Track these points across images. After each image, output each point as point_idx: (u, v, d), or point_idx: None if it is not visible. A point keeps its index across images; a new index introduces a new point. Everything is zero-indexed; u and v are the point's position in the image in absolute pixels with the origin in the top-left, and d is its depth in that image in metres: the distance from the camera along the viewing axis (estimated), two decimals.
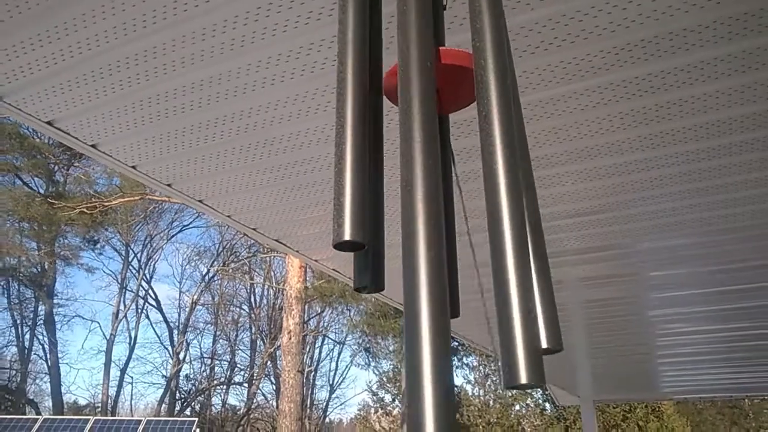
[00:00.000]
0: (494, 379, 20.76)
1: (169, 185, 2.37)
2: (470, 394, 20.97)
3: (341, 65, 0.72)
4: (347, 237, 0.63)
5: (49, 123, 1.96)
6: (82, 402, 23.24)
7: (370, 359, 21.08)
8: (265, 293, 24.28)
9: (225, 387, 24.20)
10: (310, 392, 23.58)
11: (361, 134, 0.68)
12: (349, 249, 0.65)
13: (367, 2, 0.78)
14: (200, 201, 2.52)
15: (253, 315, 24.60)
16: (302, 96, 1.80)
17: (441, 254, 0.57)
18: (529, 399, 20.59)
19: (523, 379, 0.53)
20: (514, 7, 1.44)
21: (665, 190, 2.34)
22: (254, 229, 2.83)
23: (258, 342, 24.21)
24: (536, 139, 2.03)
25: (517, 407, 20.69)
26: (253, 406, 23.38)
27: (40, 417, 12.78)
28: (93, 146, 2.08)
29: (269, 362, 22.71)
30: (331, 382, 25.12)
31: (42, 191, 16.51)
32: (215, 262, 23.40)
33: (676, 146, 2.03)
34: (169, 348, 23.38)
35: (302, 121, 1.93)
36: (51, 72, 1.70)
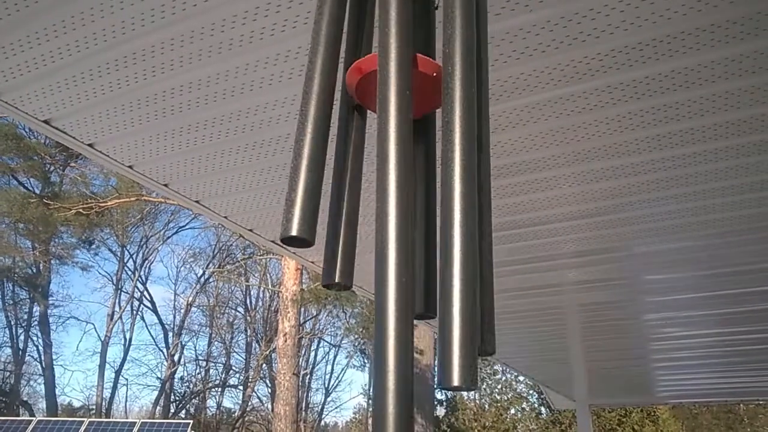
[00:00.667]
0: (489, 382, 20.75)
1: (165, 185, 2.36)
2: (465, 398, 20.96)
3: (311, 63, 0.73)
4: (294, 233, 0.64)
5: (46, 122, 1.95)
6: (77, 404, 23.14)
7: (366, 360, 21.05)
8: (261, 295, 24.24)
9: (220, 389, 24.13)
10: (305, 395, 23.52)
11: (322, 133, 0.69)
12: (297, 245, 0.65)
13: (345, 4, 0.78)
14: (197, 201, 2.52)
15: (248, 317, 24.55)
16: (300, 96, 1.80)
17: (409, 253, 0.59)
18: (525, 403, 20.59)
19: (456, 381, 0.54)
20: (513, 8, 1.44)
21: (661, 193, 2.34)
22: (251, 230, 2.83)
23: (253, 344, 24.16)
24: (533, 142, 2.03)
25: (513, 411, 20.68)
26: (248, 409, 23.31)
27: (34, 419, 12.72)
28: (90, 145, 2.08)
29: (264, 365, 22.66)
30: (326, 385, 25.08)
31: (38, 192, 16.47)
32: (211, 264, 23.36)
33: (673, 149, 2.04)
34: (164, 350, 23.32)
35: (293, 123, 1.92)
36: (48, 70, 1.70)
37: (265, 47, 1.59)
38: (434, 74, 0.74)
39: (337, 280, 0.69)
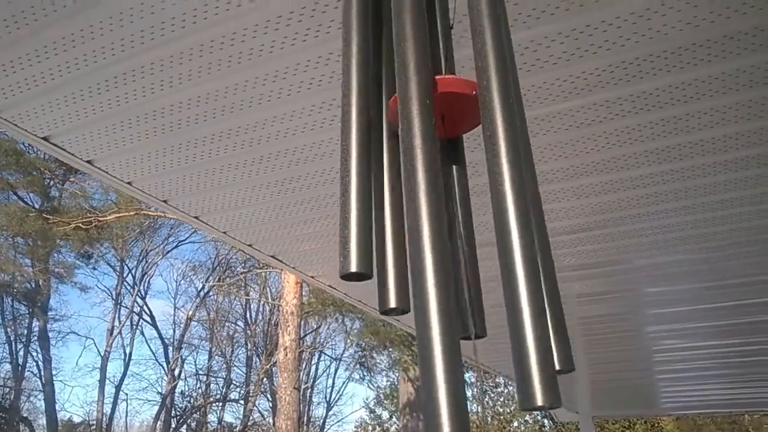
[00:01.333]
0: (491, 395, 20.63)
1: (164, 201, 2.36)
2: (468, 410, 20.82)
3: (345, 98, 0.73)
4: (353, 269, 0.64)
5: (45, 138, 1.95)
6: (77, 419, 22.98)
7: (366, 373, 20.95)
8: (261, 309, 24.16)
9: (221, 404, 23.98)
10: (306, 409, 23.38)
11: (366, 165, 0.69)
12: (355, 279, 0.65)
13: (370, 30, 0.78)
14: (196, 217, 2.51)
15: (248, 331, 24.46)
16: (299, 111, 1.80)
17: (448, 274, 0.58)
18: (528, 416, 20.45)
19: (539, 401, 0.54)
20: (524, 21, 1.44)
21: (661, 206, 2.34)
22: (250, 245, 2.82)
23: (254, 358, 24.05)
24: (537, 155, 2.03)
25: (516, 424, 20.54)
26: (249, 424, 23.16)
27: None
28: (89, 162, 2.08)
29: (265, 379, 22.54)
30: (327, 399, 24.93)
31: (37, 206, 16.46)
32: (210, 278, 23.31)
33: (674, 163, 2.04)
34: (164, 364, 23.20)
35: (299, 136, 1.93)
36: (47, 88, 1.70)
37: (265, 63, 1.59)
38: (472, 92, 0.74)
39: (393, 306, 0.68)
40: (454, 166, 0.83)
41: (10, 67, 1.62)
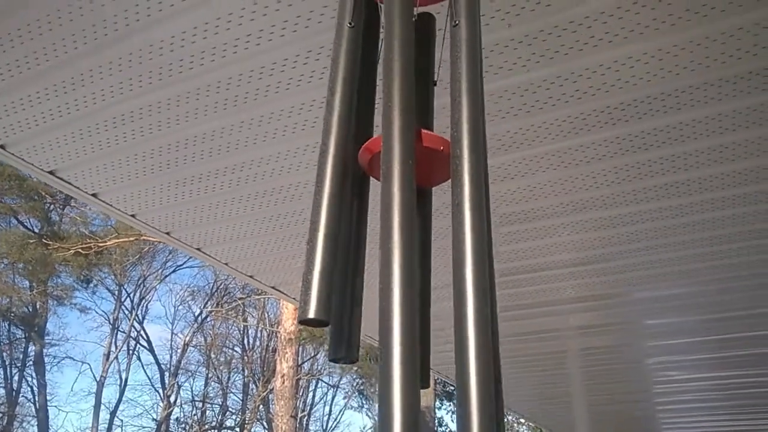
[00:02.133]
0: None
1: (167, 233, 2.38)
2: None
3: (324, 145, 0.75)
4: (311, 315, 0.64)
5: (50, 172, 1.98)
6: None
7: (364, 401, 20.72)
8: (259, 335, 24.00)
9: (216, 431, 23.66)
10: None
11: (337, 211, 0.70)
12: (315, 325, 0.66)
13: (357, 75, 0.81)
14: (198, 249, 2.53)
15: (246, 357, 24.26)
16: (303, 149, 1.83)
17: (414, 323, 0.59)
18: None
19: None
20: (510, 68, 1.49)
21: (660, 241, 2.36)
22: (251, 276, 2.83)
23: (250, 385, 23.81)
24: (533, 192, 2.06)
25: None
26: None
27: None
28: (93, 195, 2.10)
29: (261, 406, 22.28)
30: (324, 427, 24.60)
31: (37, 231, 16.47)
32: (208, 303, 23.20)
33: (670, 200, 2.07)
34: (160, 390, 22.95)
35: (301, 173, 1.96)
36: (54, 125, 1.73)
37: (269, 103, 1.63)
38: (441, 148, 0.76)
39: (343, 355, 0.70)
40: (421, 218, 0.84)
41: (20, 105, 1.65)
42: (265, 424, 22.55)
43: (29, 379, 21.04)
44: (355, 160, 0.79)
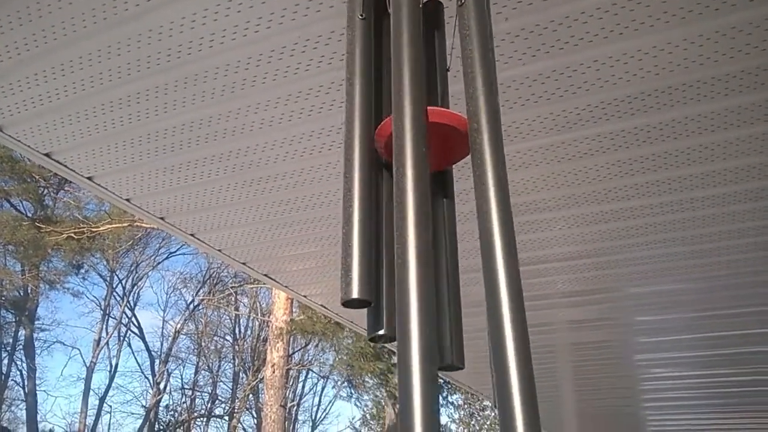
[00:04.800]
0: (478, 418, 20.50)
1: (162, 218, 2.38)
2: None
3: (348, 131, 0.76)
4: (355, 295, 0.66)
5: (46, 155, 1.98)
6: (59, 430, 22.65)
7: (353, 391, 20.79)
8: (250, 324, 24.01)
9: (205, 419, 23.70)
10: (291, 427, 23.13)
11: (368, 195, 0.72)
12: (356, 306, 0.68)
13: (373, 65, 0.82)
14: (192, 235, 2.53)
15: (236, 346, 24.27)
16: (298, 137, 1.84)
17: (431, 306, 0.60)
18: None
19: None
20: (506, 62, 1.50)
21: (653, 237, 2.38)
22: (244, 263, 2.84)
23: (240, 374, 23.83)
24: (527, 185, 2.07)
25: None
26: None
27: None
28: (89, 178, 2.10)
29: (251, 395, 22.33)
30: (313, 418, 24.68)
31: (30, 215, 16.38)
32: (201, 291, 23.17)
33: (665, 196, 2.08)
34: (150, 377, 22.95)
35: (297, 161, 1.96)
36: (52, 107, 1.73)
37: (267, 90, 1.63)
38: (460, 127, 0.77)
39: (382, 332, 0.71)
40: (444, 198, 0.85)
41: (17, 87, 1.65)
42: (254, 413, 22.60)
43: (19, 363, 20.99)
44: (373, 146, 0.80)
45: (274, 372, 12.79)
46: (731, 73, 1.52)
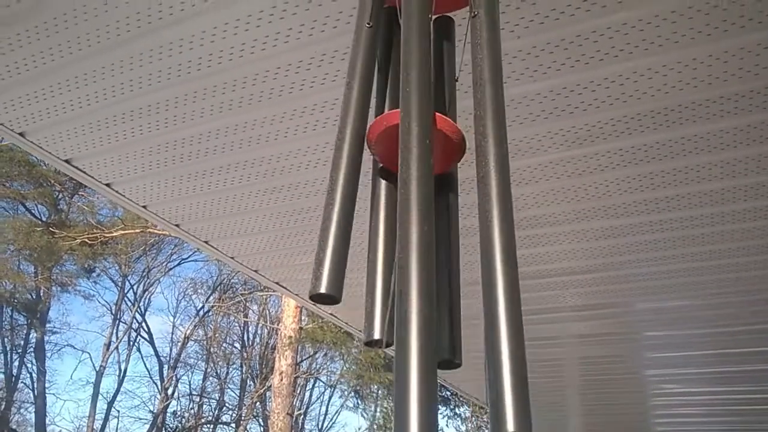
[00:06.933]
0: (485, 431, 20.34)
1: (177, 225, 2.42)
2: None
3: (340, 132, 0.78)
4: (322, 290, 0.67)
5: (67, 161, 2.03)
6: None
7: (360, 402, 20.72)
8: (259, 332, 24.03)
9: (212, 426, 23.71)
10: None
11: (350, 195, 0.73)
12: (326, 302, 0.68)
13: (374, 72, 0.85)
14: (206, 242, 2.57)
15: (245, 353, 24.29)
16: (313, 148, 1.88)
17: (431, 309, 0.61)
18: None
19: (511, 427, 0.56)
20: (518, 78, 1.53)
21: (661, 253, 2.39)
22: (256, 271, 2.87)
23: (248, 381, 23.84)
24: (535, 200, 2.09)
25: None
26: None
27: None
28: (107, 185, 2.15)
29: (258, 403, 22.32)
30: (320, 427, 24.61)
31: (44, 219, 16.57)
32: (211, 297, 23.26)
33: (672, 212, 2.10)
34: (158, 383, 23.01)
35: (310, 171, 2.00)
36: (73, 115, 1.78)
37: (283, 103, 1.67)
38: (452, 135, 0.80)
39: (377, 337, 0.72)
40: (447, 203, 0.86)
41: (41, 95, 1.70)
42: (261, 420, 22.57)
43: (29, 365, 21.13)
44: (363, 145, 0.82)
45: (281, 380, 12.79)
46: (740, 93, 1.54)
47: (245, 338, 24.45)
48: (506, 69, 1.51)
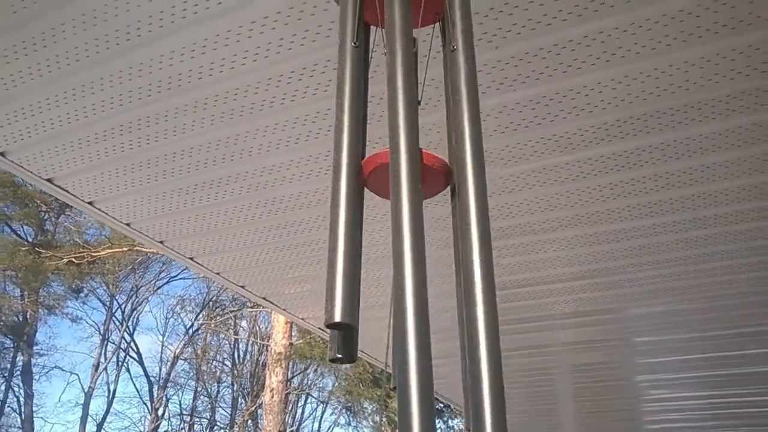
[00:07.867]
0: None
1: (161, 242, 2.41)
2: None
3: (336, 157, 0.78)
4: (338, 319, 0.68)
5: (48, 180, 2.01)
6: None
7: (351, 418, 20.56)
8: (249, 348, 23.83)
9: None
10: None
11: (354, 221, 0.74)
12: (338, 329, 0.70)
13: (362, 98, 0.85)
14: (191, 258, 2.56)
15: (235, 371, 24.07)
16: (297, 161, 1.88)
17: (427, 334, 0.63)
18: None
19: None
20: (497, 88, 1.54)
21: (652, 258, 2.39)
22: (242, 287, 2.86)
23: (239, 399, 23.60)
24: (520, 207, 2.10)
25: None
26: None
27: None
28: (90, 203, 2.14)
29: (250, 420, 22.08)
30: None
31: (30, 240, 16.39)
32: (200, 315, 23.06)
33: (664, 216, 2.10)
34: (149, 403, 22.72)
35: (294, 185, 2.00)
36: (55, 133, 1.77)
37: (268, 116, 1.67)
38: (434, 166, 0.81)
39: (339, 355, 0.73)
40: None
41: (21, 114, 1.69)
42: None
43: (16, 389, 20.79)
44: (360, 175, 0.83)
45: (273, 397, 12.67)
46: (731, 95, 1.55)
47: (235, 355, 24.23)
48: (485, 79, 1.52)
